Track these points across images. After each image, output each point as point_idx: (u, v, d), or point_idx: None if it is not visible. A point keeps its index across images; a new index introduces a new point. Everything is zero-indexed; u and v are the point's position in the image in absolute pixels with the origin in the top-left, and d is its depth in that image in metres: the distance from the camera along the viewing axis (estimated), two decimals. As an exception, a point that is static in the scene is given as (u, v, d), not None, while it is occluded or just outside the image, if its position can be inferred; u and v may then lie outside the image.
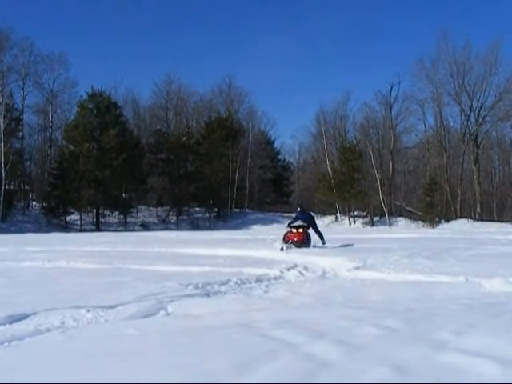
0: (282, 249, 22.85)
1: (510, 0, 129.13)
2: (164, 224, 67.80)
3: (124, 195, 68.32)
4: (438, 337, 6.99)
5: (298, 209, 27.14)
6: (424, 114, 76.50)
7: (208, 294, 11.83)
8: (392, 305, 10.00)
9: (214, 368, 5.64)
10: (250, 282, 13.59)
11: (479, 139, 72.17)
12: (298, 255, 20.95)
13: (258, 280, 13.96)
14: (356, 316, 8.56)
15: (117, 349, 6.79)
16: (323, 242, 25.09)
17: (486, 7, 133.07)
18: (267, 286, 13.01)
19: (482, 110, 71.22)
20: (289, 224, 25.46)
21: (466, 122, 72.55)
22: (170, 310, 10.09)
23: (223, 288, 12.63)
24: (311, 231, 25.02)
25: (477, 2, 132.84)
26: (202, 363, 5.90)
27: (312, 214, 28.15)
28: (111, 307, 10.06)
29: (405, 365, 5.76)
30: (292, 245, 23.39)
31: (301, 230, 24.19)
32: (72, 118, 71.39)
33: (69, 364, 6.09)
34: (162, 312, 9.90)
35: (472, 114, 71.64)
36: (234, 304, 10.56)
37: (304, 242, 23.75)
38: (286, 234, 24.33)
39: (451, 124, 76.92)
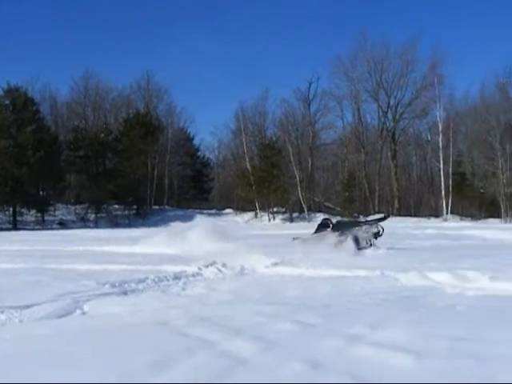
0: None
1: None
2: (82, 222, 67.00)
3: (41, 193, 67.26)
4: (353, 331, 7.07)
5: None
6: (342, 110, 77.49)
7: (125, 293, 11.72)
8: (309, 300, 10.07)
9: (129, 368, 5.59)
10: (168, 280, 13.51)
11: (396, 136, 73.24)
12: (216, 252, 20.93)
13: (176, 277, 13.89)
14: (273, 312, 8.59)
15: (31, 350, 6.67)
16: None
17: (404, 5, 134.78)
18: (185, 284, 12.94)
19: (399, 107, 72.44)
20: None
21: (383, 119, 73.75)
22: (86, 309, 9.96)
23: (140, 286, 12.51)
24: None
25: (395, 1, 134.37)
26: (118, 363, 5.84)
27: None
28: (26, 307, 9.86)
29: (320, 359, 5.80)
30: None
31: None
32: (-13, 114, 69.94)
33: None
34: (78, 311, 9.77)
35: (389, 110, 72.79)
36: (151, 302, 10.49)
37: None
38: None
39: (369, 121, 78.11)
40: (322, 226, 23.52)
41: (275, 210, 70.26)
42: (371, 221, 23.99)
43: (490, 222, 54.75)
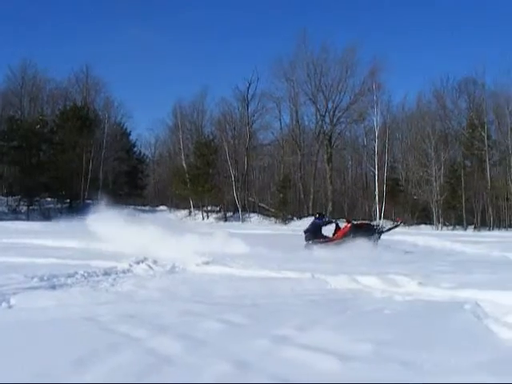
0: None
1: (369, 5, 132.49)
2: (14, 214, 65.94)
3: (-28, 183, 66.38)
4: (281, 332, 7.09)
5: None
6: (280, 112, 77.49)
7: (53, 287, 11.57)
8: (238, 300, 10.06)
9: (51, 362, 5.51)
10: (98, 275, 13.38)
11: (333, 139, 73.58)
12: (148, 249, 20.81)
13: (106, 273, 13.77)
14: (201, 311, 8.57)
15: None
16: None
17: (345, 11, 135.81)
18: (114, 280, 12.83)
19: (336, 111, 72.71)
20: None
21: (320, 122, 73.91)
22: (12, 302, 9.80)
23: (69, 280, 12.37)
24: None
25: (336, 5, 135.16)
26: (40, 357, 5.77)
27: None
28: (-50, 299, 9.70)
29: (246, 360, 5.81)
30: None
31: None
32: None
33: None
34: (4, 304, 9.60)
35: (327, 114, 73.02)
36: (80, 297, 10.37)
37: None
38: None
39: (306, 123, 78.17)
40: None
41: (209, 208, 70.17)
42: (387, 229, 24.74)
43: (422, 229, 55.47)
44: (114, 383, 5.05)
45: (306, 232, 24.03)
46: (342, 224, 24.10)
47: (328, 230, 23.83)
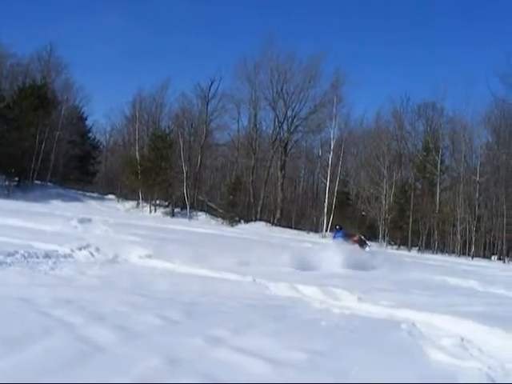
0: None
1: (335, 14, 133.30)
2: (-41, 186, 65.22)
3: None
4: (215, 333, 7.09)
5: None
6: (239, 113, 77.23)
7: (-9, 264, 11.46)
8: (177, 296, 10.04)
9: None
10: (38, 257, 13.25)
11: (288, 147, 73.63)
12: (92, 236, 20.69)
13: (47, 256, 13.64)
14: (139, 303, 8.55)
15: None
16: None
17: (312, 21, 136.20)
18: (55, 263, 12.72)
19: (295, 120, 72.73)
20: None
21: (278, 129, 73.88)
22: None
23: (9, 259, 12.23)
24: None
25: (305, 14, 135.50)
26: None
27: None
28: None
29: (178, 357, 5.81)
30: None
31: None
32: None
33: None
34: None
35: (285, 121, 73.02)
36: (17, 277, 10.27)
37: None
38: None
39: (264, 128, 78.02)
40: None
41: (158, 202, 69.80)
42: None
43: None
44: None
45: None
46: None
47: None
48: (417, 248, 58.53)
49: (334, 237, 29.14)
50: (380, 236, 60.28)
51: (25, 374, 4.76)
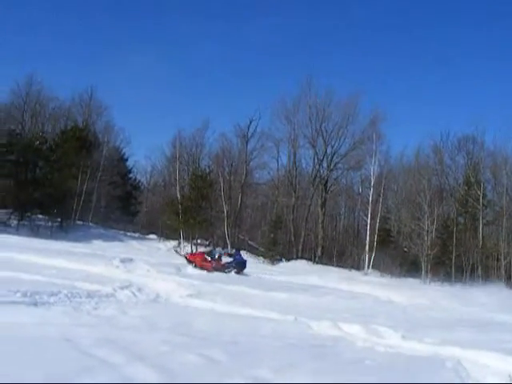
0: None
1: (373, 54, 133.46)
2: (3, 227, 65.34)
3: (-36, 193, 65.86)
4: (257, 373, 7.03)
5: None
6: (278, 152, 77.30)
7: (35, 304, 11.52)
8: (218, 335, 10.00)
9: (27, 381, 5.46)
10: (81, 297, 13.32)
11: (329, 184, 73.44)
12: (134, 275, 20.77)
13: (89, 295, 13.70)
14: (180, 343, 8.52)
15: None
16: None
17: (349, 58, 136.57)
18: (97, 303, 12.76)
19: (335, 157, 72.58)
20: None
21: (318, 166, 73.75)
22: (-8, 315, 9.76)
23: (52, 299, 12.31)
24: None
25: (340, 54, 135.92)
26: (16, 375, 5.71)
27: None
28: None
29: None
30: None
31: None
32: None
33: None
34: (-17, 317, 9.57)
35: (325, 159, 72.90)
36: (60, 317, 10.32)
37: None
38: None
39: (304, 166, 77.94)
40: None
41: (199, 241, 69.84)
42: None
43: (410, 282, 55.14)
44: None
45: None
46: None
47: None
48: (460, 283, 57.75)
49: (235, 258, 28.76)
50: (423, 272, 59.58)
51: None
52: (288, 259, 64.92)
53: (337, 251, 72.30)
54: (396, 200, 75.05)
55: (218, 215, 68.69)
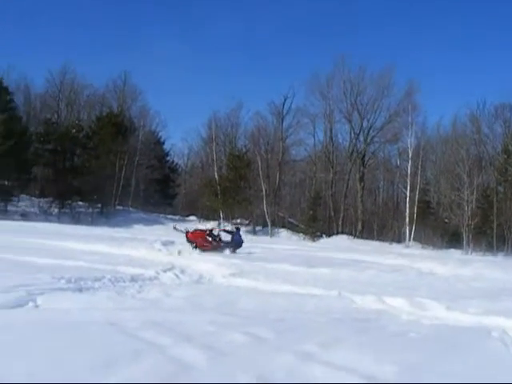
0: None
1: (404, 29, 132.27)
2: (45, 215, 66.01)
3: (6, 183, 66.29)
4: (304, 348, 7.02)
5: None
6: (314, 128, 77.00)
7: (80, 289, 11.64)
8: (263, 314, 10.03)
9: (75, 366, 5.51)
10: (125, 281, 13.43)
11: (366, 158, 73.04)
12: (176, 258, 20.89)
13: (133, 279, 13.81)
14: (225, 322, 8.54)
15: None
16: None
17: (383, 33, 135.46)
18: (141, 287, 12.86)
19: (371, 131, 72.20)
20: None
21: (354, 141, 73.41)
22: (39, 302, 9.87)
23: (96, 284, 12.43)
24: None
25: (374, 28, 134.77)
26: (64, 360, 5.77)
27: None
28: (-22, 296, 9.76)
29: (269, 374, 5.76)
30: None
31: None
32: (-40, 100, 68.91)
33: None
34: (30, 304, 9.67)
35: (361, 133, 72.53)
36: (105, 301, 10.40)
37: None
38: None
39: (340, 141, 77.58)
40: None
41: (239, 221, 69.81)
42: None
43: (452, 253, 54.74)
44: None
45: None
46: None
47: None
48: (503, 253, 57.17)
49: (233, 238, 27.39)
50: (464, 243, 59.15)
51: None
52: (328, 235, 64.82)
53: (377, 225, 71.97)
54: (435, 171, 74.50)
55: (256, 194, 68.69)
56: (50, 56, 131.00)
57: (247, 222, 70.57)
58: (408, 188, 63.43)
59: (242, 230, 67.17)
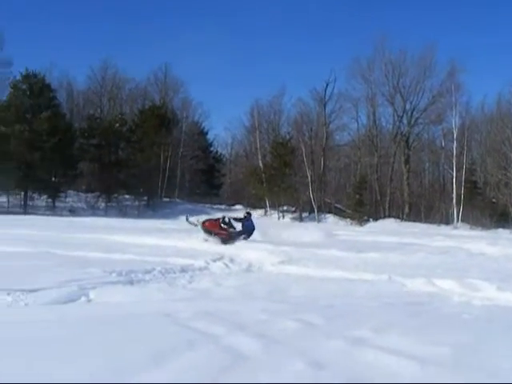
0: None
1: (445, 8, 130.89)
2: (92, 210, 66.61)
3: (53, 179, 66.94)
4: (356, 333, 7.03)
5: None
6: (357, 112, 76.64)
7: (131, 282, 11.77)
8: (313, 300, 10.05)
9: (129, 358, 5.57)
10: (175, 272, 13.56)
11: (410, 140, 72.57)
12: (224, 247, 20.99)
13: (183, 270, 13.94)
14: (277, 310, 8.57)
15: (35, 334, 6.67)
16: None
17: (422, 13, 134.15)
18: (191, 277, 12.98)
19: (414, 112, 71.67)
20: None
21: (398, 123, 72.97)
22: (91, 296, 10.01)
23: (147, 277, 12.56)
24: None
25: (414, 8, 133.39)
26: (119, 352, 5.83)
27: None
28: (32, 291, 9.89)
29: (322, 360, 5.77)
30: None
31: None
32: (4, 98, 69.72)
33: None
34: (83, 298, 9.81)
35: (405, 115, 72.07)
36: (157, 293, 10.52)
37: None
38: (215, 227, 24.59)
39: (384, 124, 77.13)
40: None
41: (285, 208, 69.88)
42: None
43: (500, 233, 54.19)
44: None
45: None
46: None
47: None
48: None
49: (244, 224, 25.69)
50: (513, 222, 58.50)
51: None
52: (375, 219, 64.56)
53: (424, 207, 71.47)
54: (480, 150, 73.78)
55: (302, 181, 68.62)
56: (90, 53, 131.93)
57: (293, 208, 70.56)
58: (454, 169, 62.84)
59: (289, 217, 67.81)
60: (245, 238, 24.18)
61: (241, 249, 20.40)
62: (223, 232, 24.12)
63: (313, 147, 72.66)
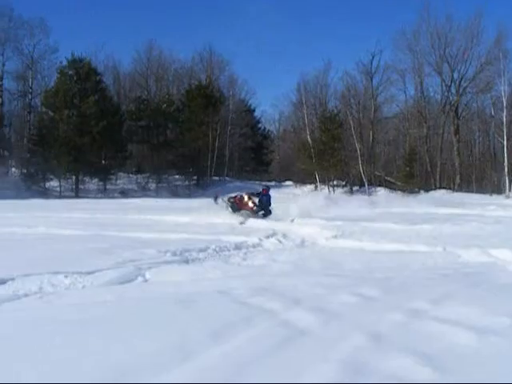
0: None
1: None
2: (143, 191, 67.12)
3: (103, 162, 67.56)
4: (414, 305, 7.00)
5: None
6: (405, 84, 76.03)
7: (186, 261, 11.86)
8: (369, 273, 10.03)
9: (188, 336, 5.61)
10: (229, 250, 13.64)
11: (459, 110, 71.85)
12: (277, 223, 21.00)
13: (237, 247, 14.02)
14: (333, 284, 8.57)
15: (93, 315, 6.75)
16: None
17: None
18: (245, 254, 13.05)
19: (462, 81, 70.93)
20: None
21: (446, 93, 72.25)
22: (147, 276, 10.11)
23: (201, 255, 12.65)
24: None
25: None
26: (177, 331, 5.88)
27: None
28: (89, 273, 10.03)
29: (381, 332, 5.77)
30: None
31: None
32: (52, 84, 70.27)
33: (45, 329, 6.06)
34: (139, 278, 9.91)
35: (453, 84, 71.37)
36: (212, 271, 10.58)
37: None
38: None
39: (432, 95, 76.39)
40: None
41: (335, 182, 69.71)
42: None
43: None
44: None
45: None
46: None
47: None
48: None
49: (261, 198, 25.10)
50: None
51: (234, 363, 4.87)
52: (426, 190, 64.08)
53: (475, 177, 70.75)
54: (531, 118, 72.78)
55: (351, 154, 68.39)
56: (134, 35, 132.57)
57: (344, 183, 70.38)
58: (505, 137, 61.97)
59: (339, 191, 67.61)
60: (263, 215, 24.22)
61: (293, 225, 20.45)
62: (251, 206, 24.07)
63: (361, 120, 72.37)
